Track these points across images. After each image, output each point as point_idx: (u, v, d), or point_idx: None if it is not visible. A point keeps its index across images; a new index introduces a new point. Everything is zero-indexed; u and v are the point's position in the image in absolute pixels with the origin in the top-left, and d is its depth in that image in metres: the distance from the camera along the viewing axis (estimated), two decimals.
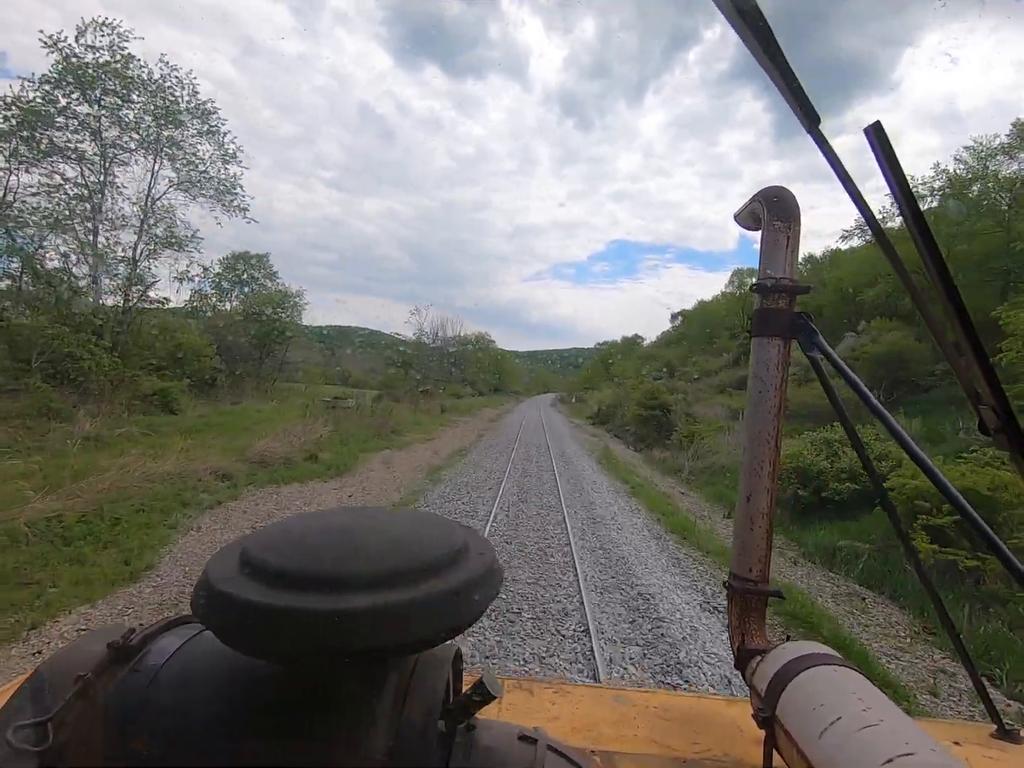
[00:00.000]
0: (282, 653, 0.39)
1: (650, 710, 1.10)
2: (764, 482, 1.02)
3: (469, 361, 74.09)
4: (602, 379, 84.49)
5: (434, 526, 0.50)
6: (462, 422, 28.52)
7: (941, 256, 0.47)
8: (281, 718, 0.43)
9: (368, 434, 17.40)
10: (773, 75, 0.49)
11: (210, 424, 13.81)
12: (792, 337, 1.01)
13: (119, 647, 0.48)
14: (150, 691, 0.45)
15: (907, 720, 0.68)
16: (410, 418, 23.99)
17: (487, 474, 12.80)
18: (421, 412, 28.00)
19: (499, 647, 4.63)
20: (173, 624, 0.54)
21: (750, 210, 1.10)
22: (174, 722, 0.43)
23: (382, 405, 20.74)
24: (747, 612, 1.03)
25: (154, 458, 9.42)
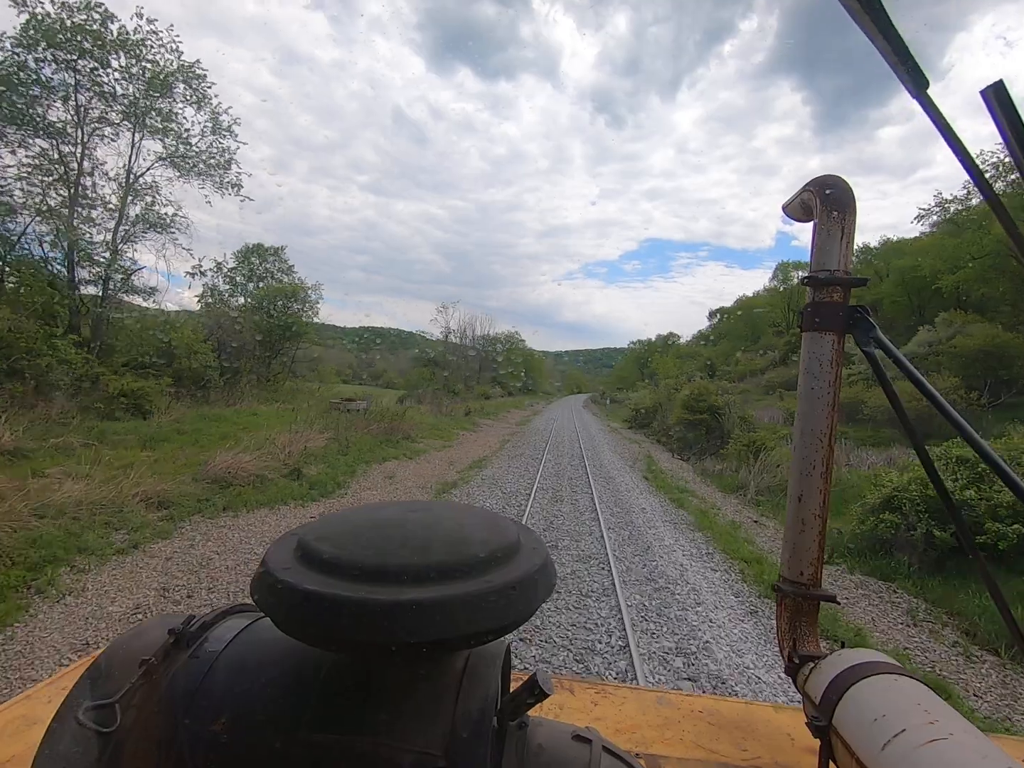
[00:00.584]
0: (342, 642, 0.39)
1: (695, 714, 1.07)
2: (816, 482, 0.99)
3: (498, 361, 71.83)
4: (637, 379, 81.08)
5: (486, 521, 0.50)
6: (486, 425, 26.10)
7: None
8: (335, 707, 0.43)
9: (376, 442, 15.12)
10: (875, 37, 0.46)
11: (183, 431, 11.70)
12: (847, 332, 0.97)
13: (179, 633, 0.49)
14: (208, 677, 0.46)
15: (979, 735, 0.64)
16: (429, 421, 21.71)
17: (506, 497, 10.30)
18: (443, 414, 25.74)
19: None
20: (232, 612, 0.54)
21: (800, 200, 1.07)
22: (233, 707, 0.44)
23: (393, 408, 18.46)
24: (798, 617, 0.99)
25: (77, 478, 7.27)
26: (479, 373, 58.75)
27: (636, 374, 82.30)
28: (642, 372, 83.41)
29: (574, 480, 12.26)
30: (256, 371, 20.24)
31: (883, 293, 43.22)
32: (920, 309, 37.46)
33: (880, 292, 44.26)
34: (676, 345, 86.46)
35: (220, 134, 15.95)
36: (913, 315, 38.19)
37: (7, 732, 0.88)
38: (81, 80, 13.99)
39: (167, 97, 14.87)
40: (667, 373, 39.64)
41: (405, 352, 56.20)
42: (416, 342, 56.11)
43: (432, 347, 48.23)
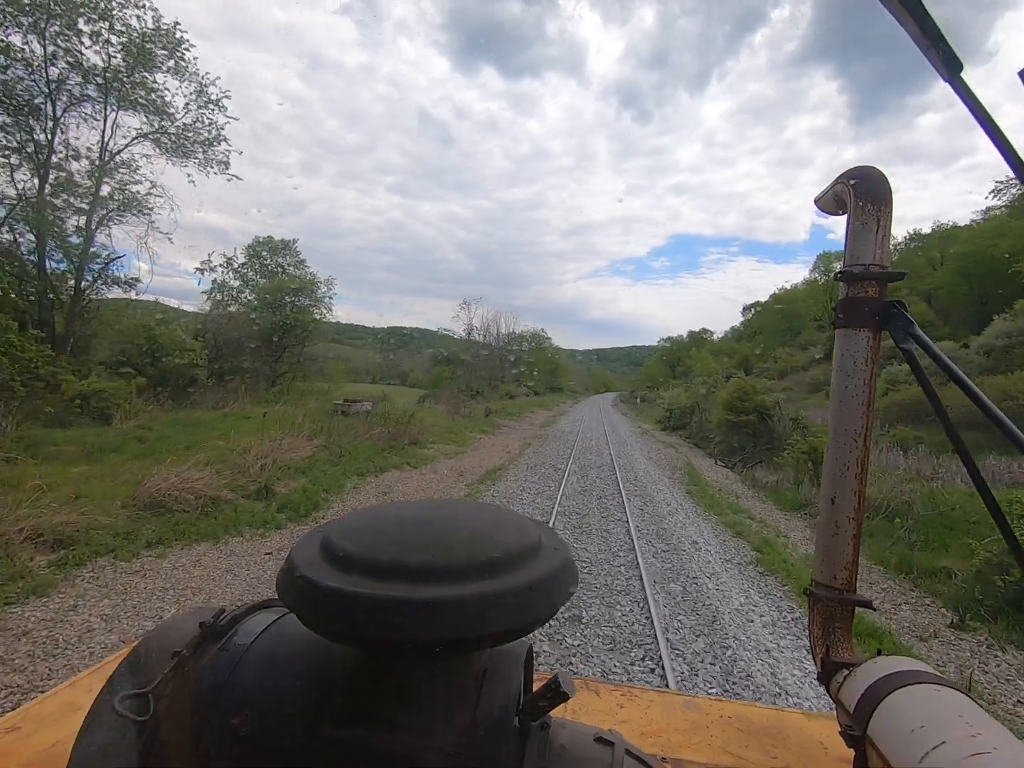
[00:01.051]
0: (363, 639, 0.39)
1: (723, 719, 1.06)
2: (851, 484, 0.95)
3: (524, 359, 69.78)
4: (667, 377, 77.97)
5: (509, 521, 0.50)
6: (508, 427, 24.10)
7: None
8: (357, 702, 0.43)
9: (377, 449, 13.28)
10: (905, 20, 0.45)
11: (145, 438, 10.04)
12: (883, 327, 0.93)
13: (210, 626, 0.50)
14: (237, 670, 0.47)
15: (1023, 747, 0.61)
16: (444, 424, 19.85)
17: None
18: (461, 416, 23.87)
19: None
20: (261, 606, 0.55)
21: (833, 193, 1.02)
22: (258, 701, 0.45)
23: (401, 409, 16.60)
24: (832, 623, 0.96)
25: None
26: (503, 372, 56.83)
27: (666, 372, 79.14)
28: (673, 370, 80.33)
29: (604, 499, 10.11)
30: (258, 371, 18.68)
31: (938, 282, 39.72)
32: (983, 298, 34.05)
33: (933, 282, 40.78)
34: (707, 342, 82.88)
35: (207, 107, 14.32)
36: (974, 304, 34.80)
37: (52, 719, 0.89)
38: (55, 49, 12.52)
39: (146, 65, 13.30)
40: (704, 370, 36.86)
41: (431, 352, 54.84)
42: (438, 341, 54.63)
43: (452, 345, 46.50)
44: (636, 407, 51.84)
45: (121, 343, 13.71)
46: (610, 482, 11.86)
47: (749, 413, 18.54)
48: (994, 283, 32.85)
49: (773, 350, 53.76)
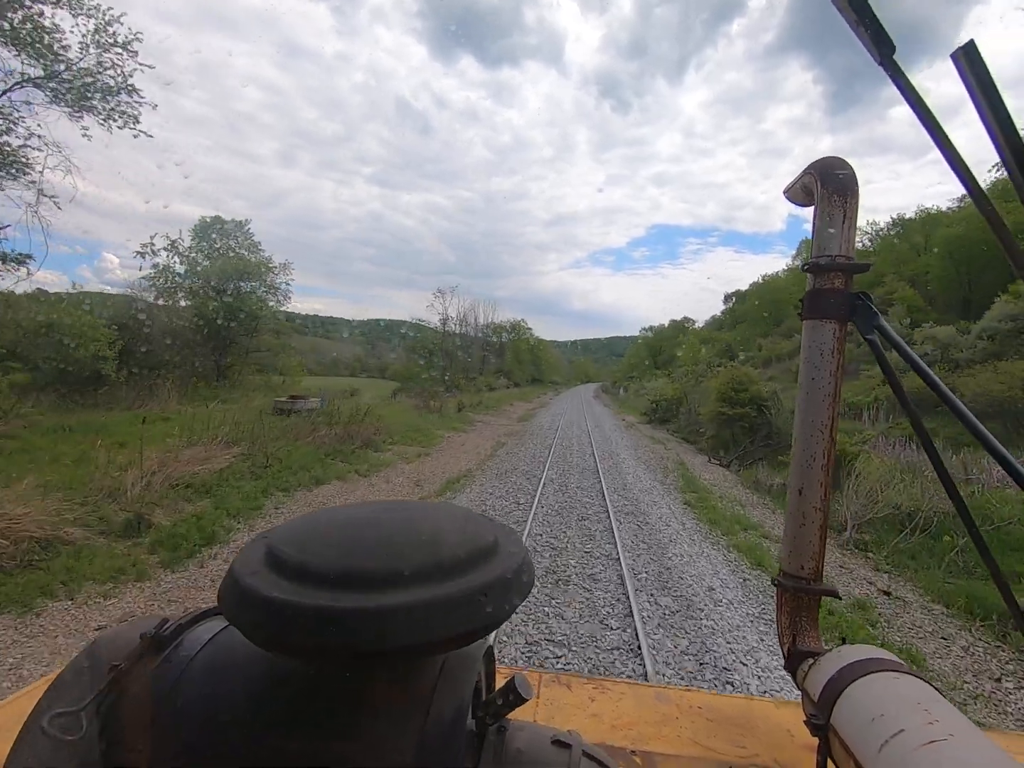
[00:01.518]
0: (301, 650, 0.38)
1: (693, 710, 1.06)
2: (817, 474, 0.98)
3: (504, 350, 67.67)
4: (649, 368, 76.66)
5: (464, 521, 0.48)
6: (482, 423, 22.13)
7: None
8: (304, 715, 0.42)
9: (320, 454, 11.21)
10: (841, 4, 0.45)
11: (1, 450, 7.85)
12: (849, 319, 0.95)
13: (152, 637, 0.47)
14: (181, 682, 0.44)
15: (978, 734, 0.63)
16: (409, 421, 17.80)
17: None
18: (431, 411, 21.82)
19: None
20: (206, 614, 0.52)
21: (802, 184, 1.05)
22: (203, 713, 0.43)
23: (357, 406, 14.47)
24: (799, 612, 0.98)
25: None
26: (483, 363, 54.73)
27: (649, 362, 77.74)
28: (655, 360, 79.02)
29: (587, 522, 8.13)
30: (188, 365, 16.35)
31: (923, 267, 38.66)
32: (970, 283, 33.02)
33: (917, 267, 39.82)
34: (689, 331, 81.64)
35: (111, 50, 11.90)
36: (961, 289, 33.79)
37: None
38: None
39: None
40: (692, 359, 35.17)
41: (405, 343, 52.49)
42: (412, 331, 52.38)
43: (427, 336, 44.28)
44: (619, 398, 50.21)
45: (13, 331, 11.36)
46: (594, 494, 9.86)
47: (745, 405, 16.80)
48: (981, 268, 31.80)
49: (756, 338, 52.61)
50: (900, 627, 5.31)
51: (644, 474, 12.31)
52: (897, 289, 35.92)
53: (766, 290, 61.60)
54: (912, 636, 5.16)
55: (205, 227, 24.57)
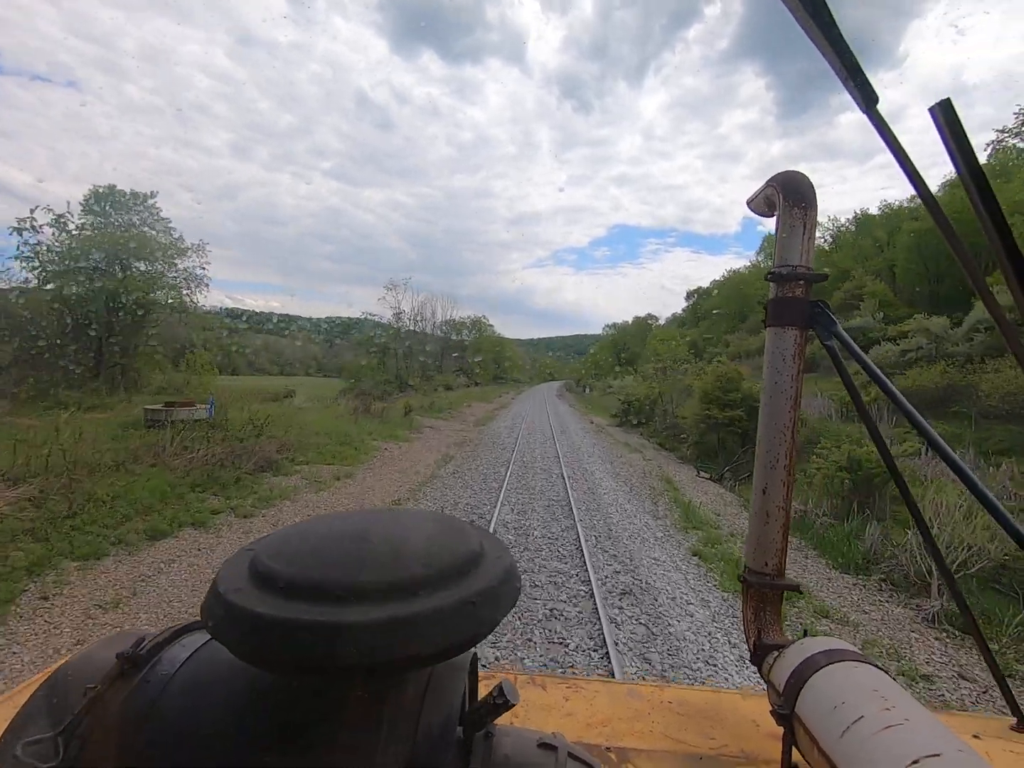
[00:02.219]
0: (285, 666, 0.37)
1: (664, 705, 1.08)
2: (780, 475, 1.02)
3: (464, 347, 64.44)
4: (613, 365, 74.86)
5: (451, 530, 0.48)
6: (431, 429, 19.04)
7: (1014, 240, 0.42)
8: (292, 731, 0.41)
9: (190, 483, 7.98)
10: (826, 51, 0.46)
11: None
12: (809, 326, 1.00)
13: (129, 657, 0.46)
14: (161, 701, 0.43)
15: (931, 718, 0.67)
16: (341, 429, 14.59)
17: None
18: (372, 415, 18.60)
19: None
20: (184, 630, 0.51)
21: (764, 196, 1.10)
22: (185, 733, 0.42)
23: (262, 414, 11.14)
24: (763, 607, 1.02)
25: None
26: (441, 361, 51.40)
27: (612, 360, 75.94)
28: (619, 358, 77.32)
29: (555, 572, 5.31)
30: (51, 364, 12.65)
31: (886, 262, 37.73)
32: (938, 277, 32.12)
33: (882, 262, 38.92)
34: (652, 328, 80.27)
35: None
36: (928, 282, 32.91)
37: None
38: None
39: None
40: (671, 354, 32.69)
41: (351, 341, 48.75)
42: (369, 329, 48.60)
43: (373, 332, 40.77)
44: (584, 397, 47.81)
45: None
46: (567, 544, 6.85)
47: (735, 406, 14.36)
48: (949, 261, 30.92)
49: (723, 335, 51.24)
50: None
51: (628, 502, 9.45)
52: (866, 283, 34.63)
53: (730, 285, 60.61)
54: None
55: (101, 198, 20.58)
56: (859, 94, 0.47)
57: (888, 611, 5.60)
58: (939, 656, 4.64)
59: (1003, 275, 0.43)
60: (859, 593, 6.09)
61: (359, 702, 0.41)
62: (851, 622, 5.21)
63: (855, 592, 6.11)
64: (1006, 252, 0.42)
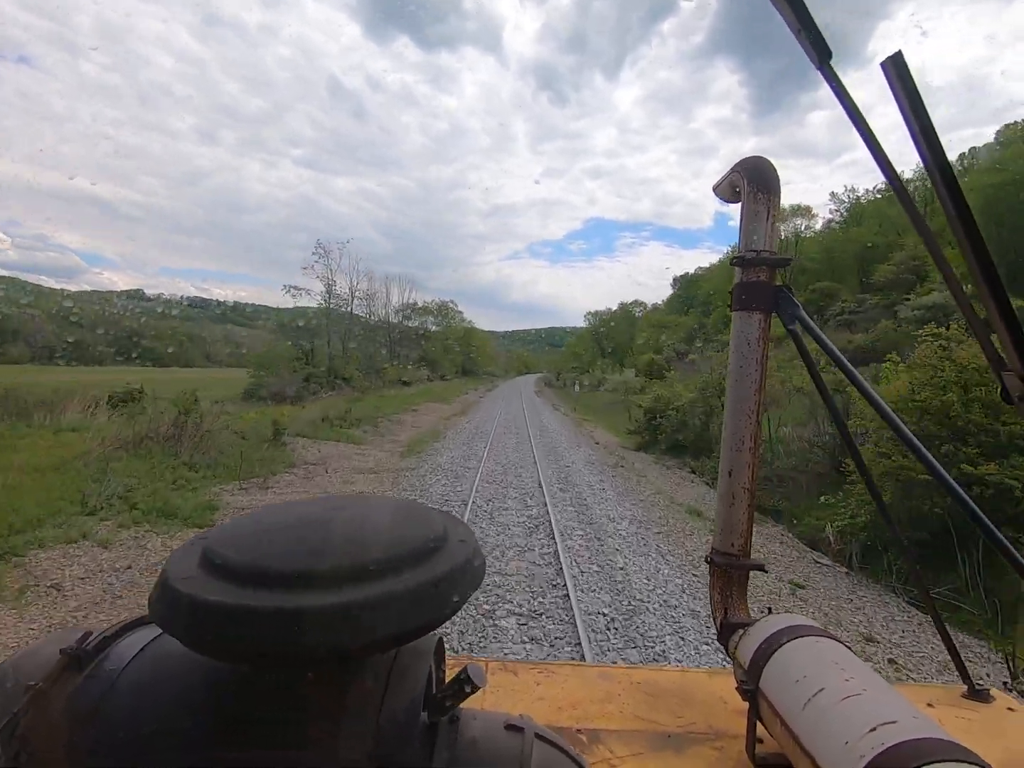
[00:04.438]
0: (242, 655, 0.36)
1: (634, 686, 1.07)
2: (745, 456, 1.00)
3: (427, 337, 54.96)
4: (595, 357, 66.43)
5: (412, 514, 0.47)
6: (309, 467, 9.92)
7: (966, 205, 0.42)
8: (250, 723, 0.39)
9: None
10: (780, 5, 0.46)
11: None
12: (773, 311, 0.99)
13: (73, 652, 0.44)
14: (107, 699, 0.41)
15: (887, 688, 0.69)
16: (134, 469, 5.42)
17: None
18: (197, 447, 9.44)
19: None
20: (133, 625, 0.49)
21: (729, 182, 1.07)
22: (133, 731, 0.40)
23: None
24: (729, 586, 1.02)
25: None
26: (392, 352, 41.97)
27: (595, 351, 67.54)
28: (601, 348, 69.00)
29: None
30: None
31: (940, 226, 30.23)
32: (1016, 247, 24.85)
33: (934, 226, 31.59)
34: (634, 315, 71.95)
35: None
36: (1009, 252, 25.99)
37: None
38: None
39: None
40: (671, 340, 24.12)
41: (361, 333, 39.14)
42: (276, 314, 38.57)
43: (311, 316, 31.30)
44: (570, 395, 38.52)
45: None
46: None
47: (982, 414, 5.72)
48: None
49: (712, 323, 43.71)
50: None
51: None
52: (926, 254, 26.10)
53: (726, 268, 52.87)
54: None
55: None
56: (812, 48, 0.45)
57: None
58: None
59: (951, 228, 0.41)
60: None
61: (319, 690, 0.39)
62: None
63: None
64: (952, 204, 0.41)
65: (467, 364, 63.73)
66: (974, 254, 0.41)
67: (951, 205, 0.41)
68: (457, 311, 64.70)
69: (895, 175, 0.48)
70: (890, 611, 5.38)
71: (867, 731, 0.59)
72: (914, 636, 4.88)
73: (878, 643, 4.70)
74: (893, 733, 0.58)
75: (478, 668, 0.39)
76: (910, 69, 0.39)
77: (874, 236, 38.89)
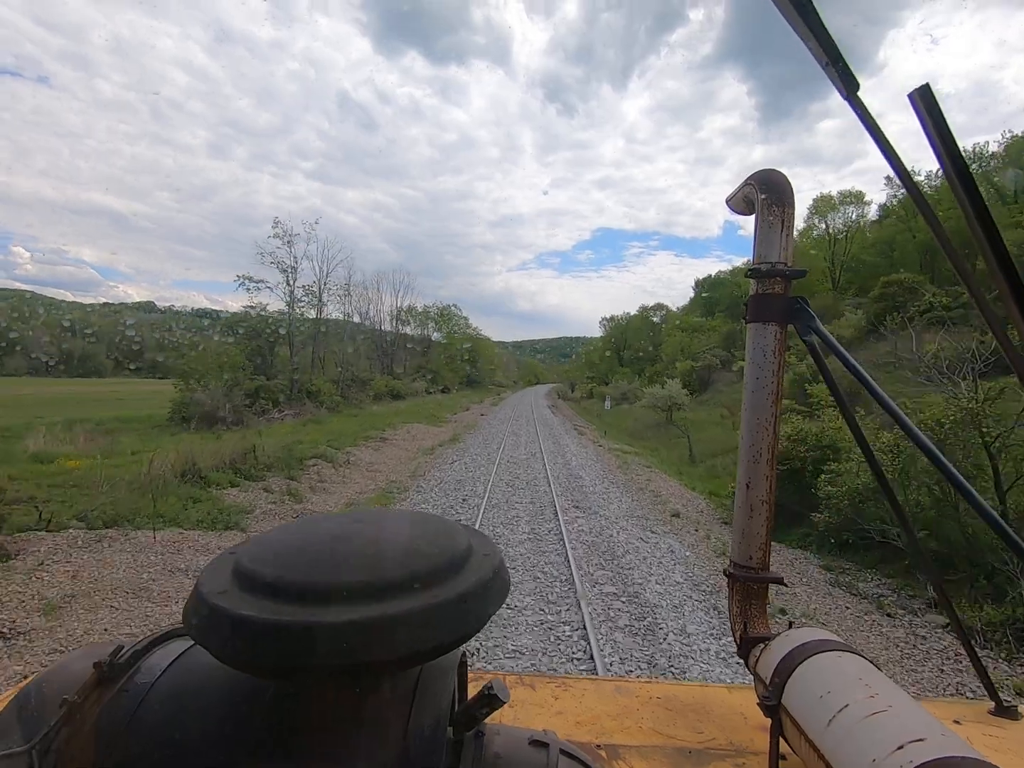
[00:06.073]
0: (274, 669, 0.36)
1: (653, 701, 1.06)
2: (763, 469, 0.99)
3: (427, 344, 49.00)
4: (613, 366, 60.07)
5: (437, 530, 0.46)
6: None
7: (1001, 238, 0.42)
8: (280, 735, 0.39)
9: None
10: (807, 38, 0.46)
11: None
12: (789, 322, 0.98)
13: (107, 666, 0.44)
14: (140, 712, 0.41)
15: (914, 704, 0.66)
16: None
17: None
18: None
19: None
20: (164, 638, 0.49)
21: (743, 194, 1.08)
22: (167, 743, 0.40)
23: None
24: (748, 600, 1.00)
25: None
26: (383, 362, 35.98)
27: (612, 359, 61.10)
28: (620, 357, 62.56)
29: None
30: None
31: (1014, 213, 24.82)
32: None
33: (1008, 215, 26.18)
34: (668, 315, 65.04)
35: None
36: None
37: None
38: None
39: None
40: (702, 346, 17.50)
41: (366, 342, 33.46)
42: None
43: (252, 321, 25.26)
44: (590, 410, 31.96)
45: None
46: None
47: None
48: None
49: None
50: None
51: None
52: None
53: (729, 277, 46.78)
54: None
55: None
56: (840, 80, 0.46)
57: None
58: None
59: (983, 257, 0.41)
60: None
61: (347, 704, 0.39)
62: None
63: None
64: (986, 237, 0.41)
65: (472, 374, 57.57)
66: (1002, 272, 0.40)
67: (980, 228, 0.40)
68: (461, 316, 58.78)
69: (929, 210, 0.46)
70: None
71: (895, 749, 0.57)
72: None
73: None
74: (922, 751, 0.56)
75: (502, 683, 0.39)
76: (936, 99, 0.39)
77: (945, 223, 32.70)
